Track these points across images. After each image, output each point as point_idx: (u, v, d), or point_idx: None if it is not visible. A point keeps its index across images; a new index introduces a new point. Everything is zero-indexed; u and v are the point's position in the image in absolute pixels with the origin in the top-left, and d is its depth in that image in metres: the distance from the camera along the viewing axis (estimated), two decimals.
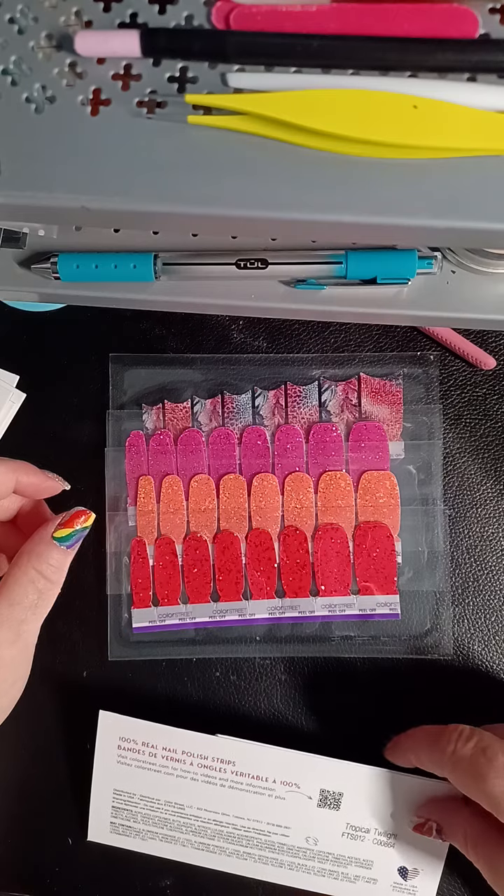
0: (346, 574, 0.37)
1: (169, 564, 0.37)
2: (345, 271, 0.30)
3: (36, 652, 0.28)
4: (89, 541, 0.38)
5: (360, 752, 0.34)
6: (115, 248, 0.32)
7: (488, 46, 0.22)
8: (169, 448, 0.38)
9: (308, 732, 0.37)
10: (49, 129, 0.23)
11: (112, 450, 0.38)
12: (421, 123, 0.22)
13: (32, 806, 0.37)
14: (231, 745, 0.34)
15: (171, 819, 0.35)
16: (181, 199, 0.23)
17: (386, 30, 0.23)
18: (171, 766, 0.34)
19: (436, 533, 0.36)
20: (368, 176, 0.22)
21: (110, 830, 0.36)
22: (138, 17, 0.24)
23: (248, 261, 0.30)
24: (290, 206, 0.22)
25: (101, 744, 0.35)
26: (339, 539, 0.37)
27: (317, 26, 0.23)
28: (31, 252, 0.32)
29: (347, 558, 0.37)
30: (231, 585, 0.37)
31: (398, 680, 0.37)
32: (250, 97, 0.23)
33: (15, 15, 0.24)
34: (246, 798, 0.34)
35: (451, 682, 0.36)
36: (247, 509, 0.37)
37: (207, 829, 0.35)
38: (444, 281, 0.31)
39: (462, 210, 0.22)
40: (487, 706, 0.36)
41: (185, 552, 0.37)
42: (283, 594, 0.37)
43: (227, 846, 0.35)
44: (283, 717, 0.37)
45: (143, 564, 0.37)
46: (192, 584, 0.37)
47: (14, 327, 0.39)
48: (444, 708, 0.36)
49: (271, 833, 0.34)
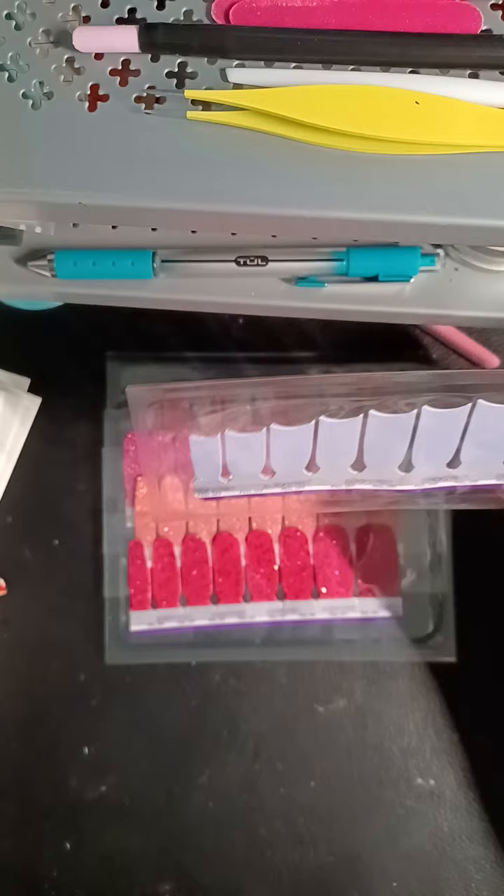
0: (348, 576, 0.36)
1: (167, 566, 0.37)
2: (346, 269, 0.30)
3: (33, 655, 0.28)
4: (87, 543, 0.38)
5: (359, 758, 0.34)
6: (112, 245, 0.31)
7: (491, 42, 0.22)
8: (167, 448, 0.37)
9: (308, 737, 0.36)
10: (46, 125, 0.23)
11: (109, 450, 0.37)
12: (423, 119, 0.22)
13: (30, 809, 0.37)
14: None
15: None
16: (180, 195, 0.22)
17: (387, 25, 0.23)
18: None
19: (439, 535, 0.36)
20: (370, 172, 0.22)
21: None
22: (137, 13, 0.23)
23: (248, 258, 0.30)
24: (290, 203, 0.22)
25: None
26: (341, 541, 0.36)
27: (317, 21, 0.23)
28: (28, 249, 0.32)
29: (349, 560, 0.36)
30: (230, 588, 0.37)
31: (400, 684, 0.36)
32: (250, 93, 0.22)
33: (12, 10, 0.24)
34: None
35: (454, 685, 0.36)
36: (247, 510, 0.37)
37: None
38: (446, 279, 0.30)
39: (464, 206, 0.22)
40: (491, 710, 0.36)
41: (183, 554, 0.37)
42: (283, 596, 0.36)
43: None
44: (282, 722, 0.37)
45: (140, 566, 0.37)
46: (190, 586, 0.37)
47: (10, 325, 0.39)
48: (446, 712, 0.36)
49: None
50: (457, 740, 0.36)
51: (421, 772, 0.36)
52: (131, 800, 0.37)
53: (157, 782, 0.37)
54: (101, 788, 0.37)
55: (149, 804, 0.37)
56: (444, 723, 0.36)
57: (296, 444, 0.24)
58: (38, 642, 0.37)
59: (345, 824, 0.36)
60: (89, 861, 0.36)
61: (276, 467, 0.25)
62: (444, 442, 0.24)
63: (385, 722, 0.36)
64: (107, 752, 0.37)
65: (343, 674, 0.37)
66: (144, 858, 0.36)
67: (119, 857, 0.36)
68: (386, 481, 0.26)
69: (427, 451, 0.25)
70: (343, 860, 0.36)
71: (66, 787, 0.37)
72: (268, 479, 0.25)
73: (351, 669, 0.37)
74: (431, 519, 0.36)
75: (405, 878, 0.36)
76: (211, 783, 0.37)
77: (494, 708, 0.36)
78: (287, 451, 0.25)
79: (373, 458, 0.25)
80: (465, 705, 0.36)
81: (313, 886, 0.36)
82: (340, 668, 0.37)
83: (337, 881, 0.36)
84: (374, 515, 0.36)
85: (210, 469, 0.25)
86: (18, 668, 0.37)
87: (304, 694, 0.37)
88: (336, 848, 0.36)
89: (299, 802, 0.36)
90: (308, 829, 0.36)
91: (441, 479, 0.26)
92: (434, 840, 0.36)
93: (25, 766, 0.37)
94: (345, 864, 0.36)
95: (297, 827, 0.36)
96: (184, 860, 0.36)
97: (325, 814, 0.36)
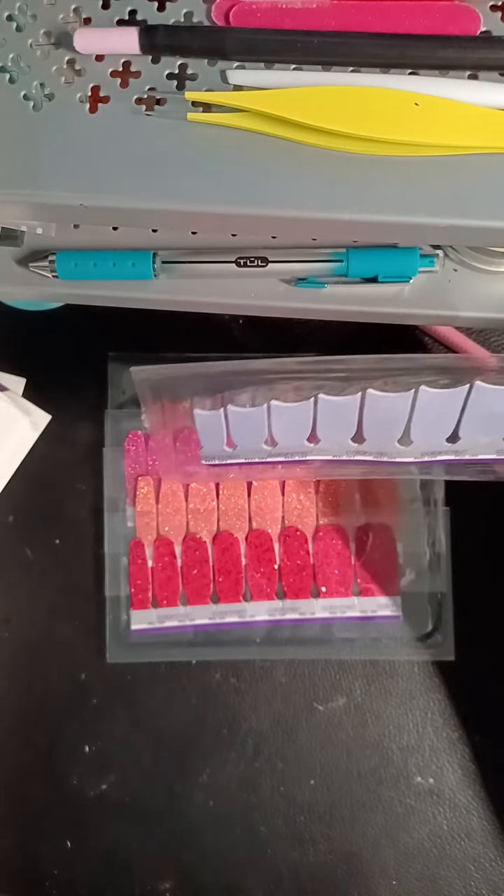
0: (348, 575, 0.36)
1: (168, 566, 0.37)
2: (346, 269, 0.30)
3: (34, 654, 0.28)
4: (87, 542, 0.38)
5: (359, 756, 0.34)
6: (113, 246, 0.31)
7: (490, 44, 0.22)
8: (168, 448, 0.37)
9: (308, 736, 0.37)
10: (47, 127, 0.23)
11: (110, 450, 0.37)
12: (422, 120, 0.22)
13: (31, 808, 0.37)
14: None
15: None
16: (180, 197, 0.23)
17: (387, 27, 0.23)
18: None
19: (438, 534, 0.36)
20: (369, 173, 0.22)
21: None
22: (137, 14, 0.24)
23: (248, 259, 0.30)
24: (290, 204, 0.22)
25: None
26: (341, 540, 0.36)
27: (317, 23, 0.23)
28: (29, 250, 0.32)
29: (348, 559, 0.36)
30: (231, 587, 0.37)
31: (399, 682, 0.36)
32: (250, 94, 0.23)
33: (13, 12, 0.24)
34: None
35: (453, 684, 0.36)
36: (247, 509, 0.37)
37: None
38: (445, 279, 0.30)
39: (463, 208, 0.22)
40: (490, 708, 0.36)
41: (184, 553, 0.37)
42: (283, 596, 0.36)
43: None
44: (282, 720, 0.37)
45: (141, 566, 0.37)
46: (191, 585, 0.37)
47: (12, 326, 0.39)
48: (446, 710, 0.36)
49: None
50: (456, 739, 0.36)
51: (420, 770, 0.36)
52: (132, 798, 0.37)
53: (157, 781, 0.37)
54: (102, 787, 0.37)
55: (149, 802, 0.37)
56: (444, 721, 0.36)
57: (296, 418, 0.24)
58: (39, 641, 0.37)
59: (344, 822, 0.36)
60: (90, 859, 0.36)
61: (278, 439, 0.25)
62: (442, 420, 0.25)
63: (384, 720, 0.36)
64: (107, 751, 0.37)
65: (343, 672, 0.37)
66: (145, 856, 0.36)
67: (120, 855, 0.36)
68: (386, 454, 0.26)
69: (426, 428, 0.25)
70: (343, 858, 0.36)
71: (66, 785, 0.37)
72: (271, 449, 0.26)
73: (350, 668, 0.37)
74: (430, 518, 0.36)
75: (405, 876, 0.36)
76: (211, 781, 0.37)
77: (493, 706, 0.36)
78: (287, 426, 0.25)
79: (372, 433, 0.25)
80: (464, 704, 0.36)
81: (313, 884, 0.36)
82: (340, 666, 0.37)
83: (336, 879, 0.36)
84: (373, 515, 0.36)
85: (215, 440, 0.26)
86: (19, 667, 0.37)
87: (304, 692, 0.37)
88: (336, 846, 0.36)
89: (299, 801, 0.37)
90: (308, 827, 0.37)
91: (441, 453, 0.26)
92: (433, 838, 0.36)
93: (26, 764, 0.37)
94: (344, 863, 0.36)
95: (296, 825, 0.37)
96: (184, 858, 0.37)
97: (324, 812, 0.36)
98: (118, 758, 0.37)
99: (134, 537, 0.37)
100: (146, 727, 0.37)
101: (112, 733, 0.37)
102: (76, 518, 0.38)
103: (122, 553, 0.37)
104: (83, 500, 0.38)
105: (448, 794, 0.36)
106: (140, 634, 0.37)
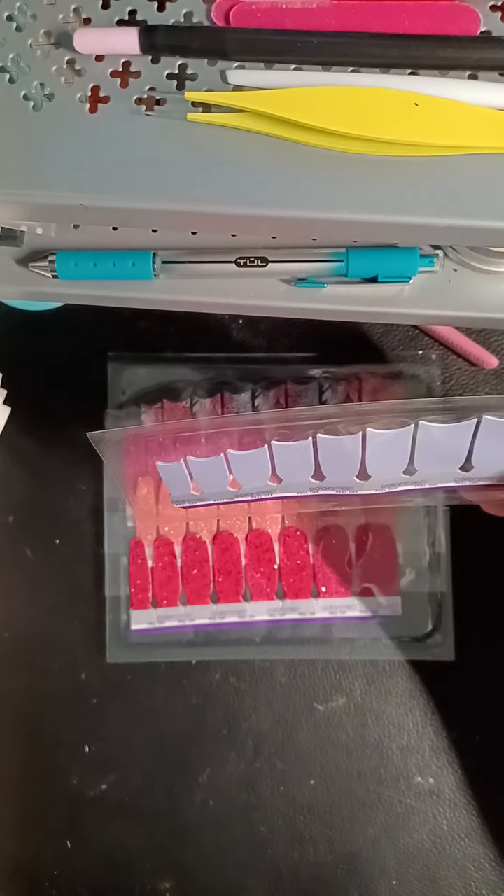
0: (347, 575, 0.36)
1: (168, 566, 0.37)
2: (346, 270, 0.30)
3: (34, 654, 0.28)
4: (87, 542, 0.38)
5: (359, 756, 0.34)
6: (113, 246, 0.31)
7: (490, 44, 0.22)
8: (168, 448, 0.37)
9: (308, 736, 0.37)
10: (47, 127, 0.23)
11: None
12: (422, 121, 0.22)
13: (31, 808, 0.37)
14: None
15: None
16: (180, 197, 0.23)
17: (387, 27, 0.23)
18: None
19: (437, 534, 0.36)
20: (369, 173, 0.22)
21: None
22: (137, 15, 0.23)
23: (248, 259, 0.30)
24: (289, 204, 0.22)
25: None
26: (340, 540, 0.36)
27: (317, 23, 0.23)
28: (29, 250, 0.32)
29: (348, 560, 0.36)
30: (231, 587, 0.37)
31: (399, 682, 0.36)
32: (250, 94, 0.23)
33: (13, 12, 0.24)
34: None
35: (453, 684, 0.36)
36: (247, 510, 0.37)
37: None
38: (445, 279, 0.30)
39: (463, 208, 0.22)
40: (490, 709, 0.36)
41: (184, 553, 0.37)
42: (283, 596, 0.36)
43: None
44: (282, 720, 0.37)
45: (141, 566, 0.37)
46: (191, 585, 0.37)
47: (11, 325, 0.39)
48: (445, 710, 0.36)
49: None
50: (456, 739, 0.36)
51: (420, 770, 0.36)
52: (132, 798, 0.37)
53: (157, 780, 0.37)
54: (102, 787, 0.37)
55: (149, 802, 0.37)
56: (443, 721, 0.36)
57: (254, 463, 0.25)
58: (40, 641, 0.37)
59: (344, 822, 0.36)
60: (90, 859, 0.36)
61: (240, 482, 0.26)
62: (395, 456, 0.25)
63: (384, 720, 0.36)
64: (107, 751, 0.37)
65: (342, 672, 0.37)
66: (145, 856, 0.36)
67: (120, 855, 0.36)
68: (348, 488, 0.26)
69: (379, 464, 0.25)
70: (342, 858, 0.36)
71: (67, 785, 0.37)
72: (237, 490, 0.26)
73: (350, 668, 0.37)
74: (430, 518, 0.36)
75: (404, 876, 0.36)
76: (211, 781, 0.37)
77: (493, 706, 0.36)
78: (247, 470, 0.26)
79: (330, 471, 0.26)
80: (463, 704, 0.36)
81: (313, 884, 0.36)
82: (340, 666, 0.37)
83: (336, 879, 0.36)
84: (373, 515, 0.36)
85: (181, 487, 0.27)
86: (19, 666, 0.37)
87: (304, 692, 0.37)
88: (336, 846, 0.36)
89: (299, 801, 0.37)
90: (308, 827, 0.37)
91: (400, 485, 0.26)
92: (433, 838, 0.36)
93: (26, 764, 0.37)
94: (344, 862, 0.36)
95: (296, 825, 0.37)
96: (184, 858, 0.37)
97: (324, 812, 0.37)
98: (118, 758, 0.37)
99: (134, 537, 0.37)
100: (146, 727, 0.37)
101: (112, 733, 0.37)
102: (76, 518, 0.38)
103: (122, 553, 0.37)
104: (83, 500, 0.38)
105: (448, 794, 0.36)
106: (140, 634, 0.37)
